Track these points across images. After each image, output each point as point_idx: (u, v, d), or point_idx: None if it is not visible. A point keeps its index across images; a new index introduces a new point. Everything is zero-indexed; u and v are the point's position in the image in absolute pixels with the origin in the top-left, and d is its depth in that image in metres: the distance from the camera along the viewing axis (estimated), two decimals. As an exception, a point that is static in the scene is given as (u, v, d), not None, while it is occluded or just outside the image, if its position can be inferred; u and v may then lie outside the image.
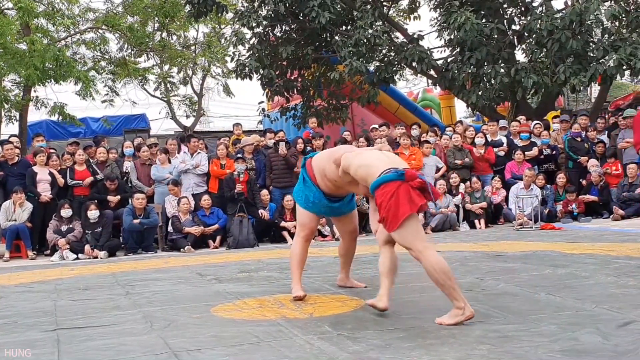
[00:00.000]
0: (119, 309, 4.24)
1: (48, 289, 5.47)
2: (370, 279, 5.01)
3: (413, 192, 3.36)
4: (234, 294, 4.41)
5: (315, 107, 13.36)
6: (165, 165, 9.62)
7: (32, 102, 14.16)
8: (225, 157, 9.74)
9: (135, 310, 4.15)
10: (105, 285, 5.53)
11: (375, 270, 5.53)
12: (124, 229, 8.84)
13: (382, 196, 3.38)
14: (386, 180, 3.43)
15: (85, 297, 4.90)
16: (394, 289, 4.40)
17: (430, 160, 10.06)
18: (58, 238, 8.44)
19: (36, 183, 9.02)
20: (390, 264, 3.63)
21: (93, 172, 9.37)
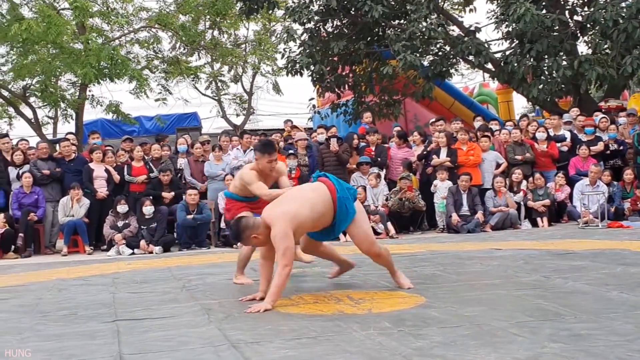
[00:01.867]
0: (177, 302, 4.29)
1: (106, 282, 5.59)
2: (428, 276, 4.93)
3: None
4: (289, 289, 4.39)
5: (367, 103, 13.28)
6: (218, 162, 9.73)
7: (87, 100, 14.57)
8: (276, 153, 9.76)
9: (193, 303, 4.19)
10: (162, 279, 5.61)
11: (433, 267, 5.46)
12: (177, 224, 9.00)
13: None
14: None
15: (143, 290, 4.98)
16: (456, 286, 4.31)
17: (489, 156, 9.87)
18: (114, 233, 8.65)
19: (93, 180, 9.27)
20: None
21: (149, 169, 9.56)
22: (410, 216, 9.47)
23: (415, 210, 9.47)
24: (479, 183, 9.71)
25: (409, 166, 10.03)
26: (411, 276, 4.68)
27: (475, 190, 9.44)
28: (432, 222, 9.87)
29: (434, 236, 9.03)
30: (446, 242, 7.83)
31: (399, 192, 9.43)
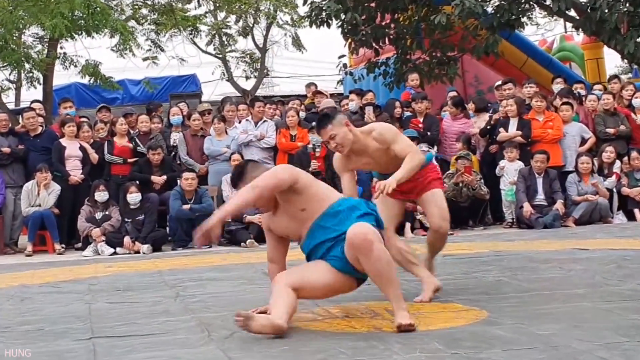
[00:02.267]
0: (168, 315, 4.31)
1: (80, 289, 5.63)
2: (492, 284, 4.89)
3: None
4: (312, 299, 4.38)
5: (413, 62, 13.18)
6: (221, 137, 9.77)
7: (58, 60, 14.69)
8: (296, 126, 9.79)
9: (189, 317, 4.21)
10: (150, 286, 5.64)
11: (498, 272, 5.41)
12: (171, 216, 9.07)
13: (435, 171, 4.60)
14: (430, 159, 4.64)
15: (126, 299, 5.01)
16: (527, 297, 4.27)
17: (572, 129, 9.77)
18: (91, 228, 8.75)
19: (64, 160, 9.38)
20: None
21: (135, 147, 9.65)
22: (469, 207, 9.42)
23: (476, 199, 9.40)
24: (559, 164, 9.63)
25: (468, 142, 9.94)
26: (469, 284, 4.64)
27: (553, 173, 9.36)
28: (498, 214, 9.81)
29: (499, 232, 8.95)
30: (515, 240, 7.76)
31: (454, 175, 9.37)
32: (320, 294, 3.94)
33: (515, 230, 9.06)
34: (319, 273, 3.86)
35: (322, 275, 3.85)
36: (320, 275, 3.85)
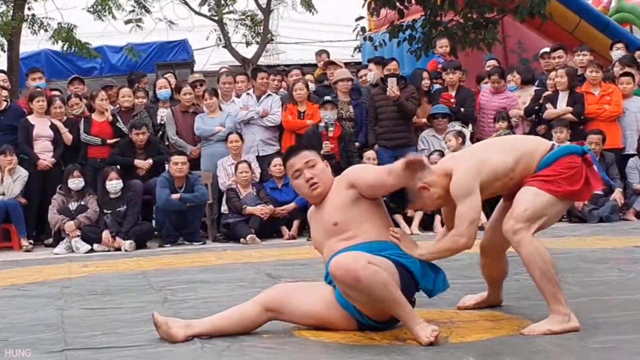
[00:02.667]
0: (154, 323, 4.31)
1: (51, 293, 5.63)
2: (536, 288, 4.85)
3: (592, 174, 4.00)
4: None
5: (444, 25, 13.13)
6: (215, 114, 9.77)
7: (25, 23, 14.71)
8: (305, 100, 9.76)
9: (178, 325, 4.21)
10: (133, 289, 5.64)
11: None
12: (157, 207, 9.08)
13: (565, 167, 3.94)
14: (569, 153, 3.96)
15: (105, 305, 5.02)
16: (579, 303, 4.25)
17: (634, 104, 9.76)
18: (64, 220, 8.77)
19: (32, 140, 9.39)
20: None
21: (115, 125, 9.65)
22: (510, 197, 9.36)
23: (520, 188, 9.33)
24: (618, 146, 9.61)
25: (509, 120, 9.89)
26: (510, 289, 4.62)
27: (611, 156, 9.33)
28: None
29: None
30: (566, 236, 7.73)
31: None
32: (304, 321, 3.94)
33: (565, 225, 9.01)
34: (311, 299, 3.88)
35: (312, 303, 3.87)
36: (310, 303, 3.87)
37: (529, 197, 3.85)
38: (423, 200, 4.01)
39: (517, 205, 3.86)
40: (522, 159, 3.93)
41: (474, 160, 3.95)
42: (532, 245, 3.81)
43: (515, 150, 3.97)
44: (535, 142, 4.16)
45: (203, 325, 3.88)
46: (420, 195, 3.97)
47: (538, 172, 3.93)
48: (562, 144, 4.14)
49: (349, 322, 3.84)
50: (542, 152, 3.96)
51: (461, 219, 3.85)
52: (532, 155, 3.95)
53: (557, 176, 3.89)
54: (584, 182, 3.93)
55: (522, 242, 3.82)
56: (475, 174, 3.87)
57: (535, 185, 3.87)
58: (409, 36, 13.34)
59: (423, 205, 4.06)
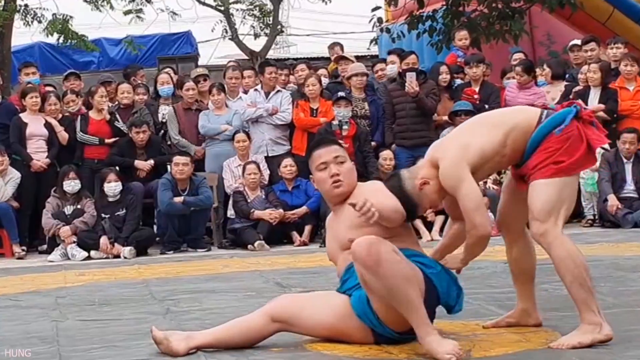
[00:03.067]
0: (156, 336, 4.31)
1: (45, 303, 5.65)
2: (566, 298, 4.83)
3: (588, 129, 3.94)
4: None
5: (467, 15, 13.08)
6: (221, 111, 9.78)
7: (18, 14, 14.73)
8: (318, 97, 9.76)
9: (182, 338, 4.21)
10: (134, 299, 5.66)
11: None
12: (159, 211, 9.11)
13: (559, 142, 3.88)
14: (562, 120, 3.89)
15: (103, 316, 5.03)
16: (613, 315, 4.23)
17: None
18: (59, 225, 8.79)
19: (25, 140, 9.41)
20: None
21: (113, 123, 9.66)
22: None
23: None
24: (655, 145, 9.50)
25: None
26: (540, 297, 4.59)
27: (647, 157, 9.26)
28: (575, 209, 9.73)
29: (577, 232, 8.87)
30: (598, 243, 7.71)
31: (518, 160, 9.30)
32: (316, 333, 3.91)
33: (597, 230, 8.99)
34: (324, 309, 3.86)
35: (325, 313, 3.84)
36: (323, 313, 3.85)
37: (540, 192, 3.80)
38: (428, 197, 3.93)
39: (533, 205, 3.81)
40: (511, 133, 3.88)
41: (456, 147, 3.91)
42: (563, 247, 3.77)
43: (503, 125, 3.92)
44: (522, 113, 4.09)
45: (205, 337, 3.89)
46: (424, 193, 3.90)
47: (531, 149, 3.88)
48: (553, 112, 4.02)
49: (365, 334, 3.82)
50: (531, 123, 3.90)
51: (465, 212, 3.83)
52: (522, 128, 3.90)
53: (556, 154, 3.83)
54: (585, 146, 3.89)
55: (553, 244, 3.77)
56: (461, 161, 3.83)
57: (540, 177, 3.81)
58: (429, 27, 13.28)
59: (431, 201, 3.96)
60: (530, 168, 3.87)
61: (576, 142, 3.86)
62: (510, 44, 12.70)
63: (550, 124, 3.87)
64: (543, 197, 3.79)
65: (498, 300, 4.73)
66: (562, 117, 3.89)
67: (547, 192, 3.79)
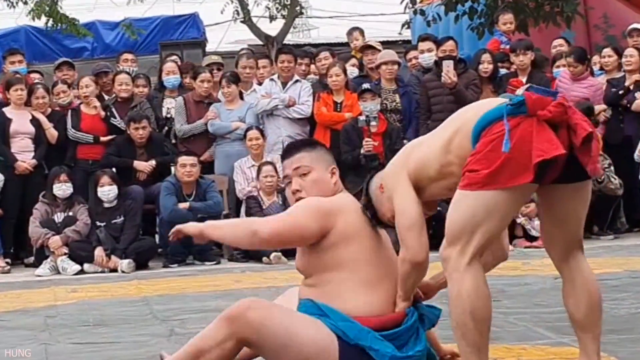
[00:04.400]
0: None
1: (33, 323, 5.68)
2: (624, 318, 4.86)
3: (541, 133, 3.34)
4: None
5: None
6: (234, 105, 9.82)
7: (1, -6, 14.83)
8: (343, 89, 9.77)
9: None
10: (133, 319, 5.68)
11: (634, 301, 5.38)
12: (161, 219, 9.17)
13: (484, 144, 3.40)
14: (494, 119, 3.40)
15: (98, 339, 5.06)
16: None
17: None
18: (48, 235, 8.84)
19: (9, 138, 9.45)
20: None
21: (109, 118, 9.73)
22: (592, 207, 9.19)
23: (603, 195, 9.33)
24: None
25: (590, 112, 9.84)
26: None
27: None
28: (636, 216, 9.78)
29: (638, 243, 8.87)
30: None
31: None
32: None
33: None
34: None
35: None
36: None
37: (453, 206, 3.45)
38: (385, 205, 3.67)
39: (446, 221, 3.47)
40: (455, 137, 3.49)
41: (402, 150, 3.74)
42: (458, 284, 3.39)
43: (449, 126, 3.57)
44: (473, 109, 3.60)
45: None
46: (382, 199, 3.69)
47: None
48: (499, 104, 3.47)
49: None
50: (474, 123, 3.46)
51: (397, 230, 3.58)
52: (465, 131, 3.48)
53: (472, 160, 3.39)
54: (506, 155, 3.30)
55: (451, 276, 3.43)
56: (401, 168, 3.62)
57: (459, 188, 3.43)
58: (469, 9, 13.26)
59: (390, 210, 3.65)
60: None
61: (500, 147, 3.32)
62: (562, 27, 12.67)
63: (484, 120, 3.43)
64: (453, 214, 3.43)
65: (547, 321, 4.73)
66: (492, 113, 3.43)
67: (458, 209, 3.42)
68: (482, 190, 3.31)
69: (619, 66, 10.23)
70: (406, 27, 15.83)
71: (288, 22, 20.45)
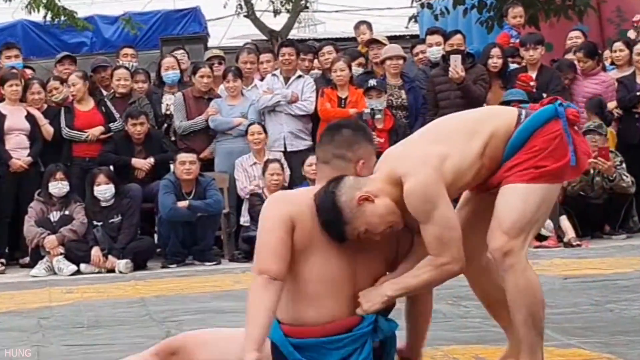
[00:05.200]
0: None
1: (26, 325, 5.69)
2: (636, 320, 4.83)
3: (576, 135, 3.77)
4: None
5: (522, -12, 13.05)
6: (235, 101, 9.81)
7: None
8: (347, 84, 9.76)
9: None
10: (128, 321, 5.68)
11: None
12: (160, 218, 9.15)
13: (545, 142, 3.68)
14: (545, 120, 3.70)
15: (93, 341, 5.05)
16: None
17: None
18: (44, 235, 8.84)
19: (4, 134, 9.44)
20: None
21: (108, 115, 9.72)
22: (605, 205, 9.39)
23: (615, 193, 9.31)
24: None
25: (601, 109, 9.82)
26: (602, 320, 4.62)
27: None
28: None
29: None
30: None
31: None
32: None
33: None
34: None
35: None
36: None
37: (516, 199, 3.57)
38: (366, 218, 3.50)
39: (504, 214, 3.57)
40: (490, 141, 3.64)
41: (430, 158, 3.59)
42: (525, 274, 3.55)
43: (481, 132, 3.66)
44: (499, 116, 3.81)
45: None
46: (361, 210, 3.50)
47: (509, 156, 3.65)
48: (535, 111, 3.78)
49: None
50: (510, 127, 3.68)
51: (439, 241, 3.51)
52: (501, 134, 3.67)
53: (539, 156, 3.62)
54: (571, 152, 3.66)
55: (514, 268, 3.53)
56: (438, 178, 3.55)
57: (517, 181, 3.59)
58: (478, 2, 13.27)
59: (367, 224, 3.50)
60: (504, 170, 3.64)
61: (563, 144, 3.66)
62: (574, 21, 12.65)
63: (530, 125, 3.67)
64: (519, 206, 3.57)
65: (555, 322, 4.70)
66: (544, 115, 3.70)
67: (525, 201, 3.57)
68: (549, 184, 3.61)
69: (630, 61, 10.20)
70: (413, 21, 15.83)
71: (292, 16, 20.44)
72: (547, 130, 3.64)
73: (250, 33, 20.80)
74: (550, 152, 3.61)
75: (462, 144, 3.63)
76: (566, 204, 9.17)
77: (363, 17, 17.94)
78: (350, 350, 3.43)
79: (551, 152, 3.61)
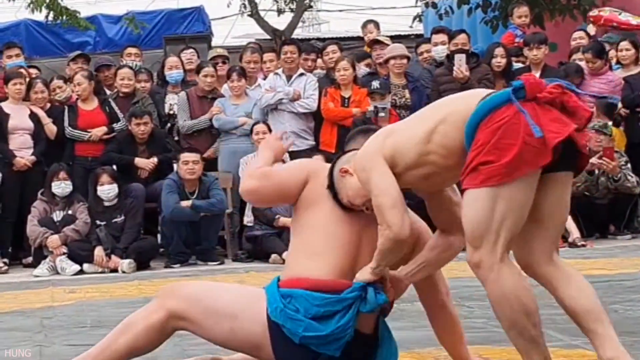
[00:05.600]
0: (156, 364, 4.31)
1: (29, 325, 5.70)
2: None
3: (546, 115, 3.39)
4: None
5: (526, -12, 13.04)
6: (240, 100, 9.82)
7: (1, -14, 14.83)
8: (351, 84, 9.75)
9: (186, 367, 4.21)
10: (131, 321, 5.69)
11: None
12: (163, 218, 9.15)
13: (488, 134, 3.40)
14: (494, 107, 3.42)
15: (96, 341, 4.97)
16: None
17: None
18: (47, 234, 8.85)
19: (7, 133, 9.46)
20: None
21: (111, 115, 9.73)
22: (609, 205, 9.40)
23: (620, 194, 9.32)
24: None
25: (608, 109, 9.81)
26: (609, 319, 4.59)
27: None
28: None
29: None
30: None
31: (587, 158, 9.26)
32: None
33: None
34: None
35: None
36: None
37: (469, 207, 3.42)
38: (346, 190, 3.65)
39: (465, 224, 3.44)
40: (439, 126, 3.47)
41: (377, 135, 3.69)
42: (499, 283, 3.38)
43: (432, 116, 3.54)
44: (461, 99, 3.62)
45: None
46: (343, 183, 3.67)
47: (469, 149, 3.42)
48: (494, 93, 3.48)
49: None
50: (464, 113, 3.45)
51: (377, 209, 3.52)
52: (455, 120, 3.46)
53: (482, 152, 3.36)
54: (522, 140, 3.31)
55: (488, 278, 3.40)
56: (376, 150, 3.58)
57: (468, 185, 3.40)
58: (482, 2, 13.27)
59: (348, 196, 3.64)
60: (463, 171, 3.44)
61: (511, 133, 3.33)
62: (578, 21, 12.64)
63: (483, 108, 3.41)
64: (473, 215, 3.40)
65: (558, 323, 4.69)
66: (494, 101, 3.42)
67: (477, 208, 3.39)
68: (501, 184, 3.31)
69: (636, 60, 10.20)
70: (418, 21, 15.84)
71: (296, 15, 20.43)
72: (492, 120, 3.36)
73: (254, 32, 20.80)
74: (494, 145, 3.33)
75: (411, 126, 3.63)
76: (571, 204, 9.16)
77: (367, 16, 17.94)
78: (332, 310, 3.50)
79: (495, 145, 3.33)
